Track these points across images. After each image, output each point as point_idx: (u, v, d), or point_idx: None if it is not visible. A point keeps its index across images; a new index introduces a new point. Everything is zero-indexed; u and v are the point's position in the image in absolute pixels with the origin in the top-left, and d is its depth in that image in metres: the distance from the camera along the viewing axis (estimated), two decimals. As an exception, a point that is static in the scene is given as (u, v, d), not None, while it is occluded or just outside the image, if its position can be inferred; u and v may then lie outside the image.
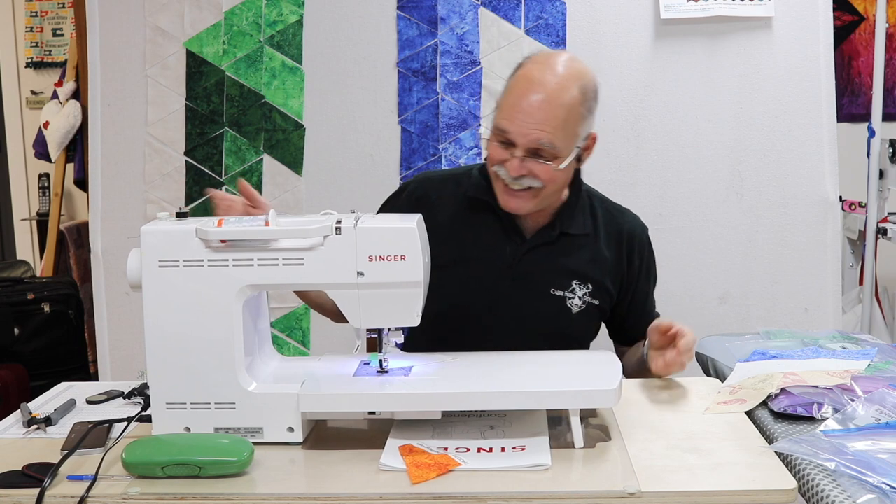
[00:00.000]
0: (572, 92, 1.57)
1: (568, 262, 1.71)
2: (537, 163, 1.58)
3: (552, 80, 1.57)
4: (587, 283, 1.71)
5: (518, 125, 1.57)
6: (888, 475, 1.08)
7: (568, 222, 1.71)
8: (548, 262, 1.70)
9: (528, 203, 1.64)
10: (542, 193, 1.63)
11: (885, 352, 1.58)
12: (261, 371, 1.40)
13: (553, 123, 1.56)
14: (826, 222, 2.57)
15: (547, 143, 1.57)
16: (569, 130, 1.58)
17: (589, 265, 1.71)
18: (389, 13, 2.61)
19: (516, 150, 1.58)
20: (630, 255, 1.76)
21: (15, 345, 3.21)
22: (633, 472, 1.18)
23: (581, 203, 1.74)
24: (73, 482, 1.20)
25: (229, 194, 1.61)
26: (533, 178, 1.60)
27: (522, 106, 1.56)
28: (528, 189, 1.62)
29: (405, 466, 1.21)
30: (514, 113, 1.57)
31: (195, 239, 1.31)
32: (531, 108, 1.56)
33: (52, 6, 4.45)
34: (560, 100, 1.56)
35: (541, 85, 1.57)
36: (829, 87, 2.57)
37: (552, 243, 1.71)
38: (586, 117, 1.61)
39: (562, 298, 1.70)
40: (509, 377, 1.38)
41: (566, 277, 1.70)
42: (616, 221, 1.77)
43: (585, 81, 1.60)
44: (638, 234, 1.79)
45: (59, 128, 3.52)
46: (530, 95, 1.56)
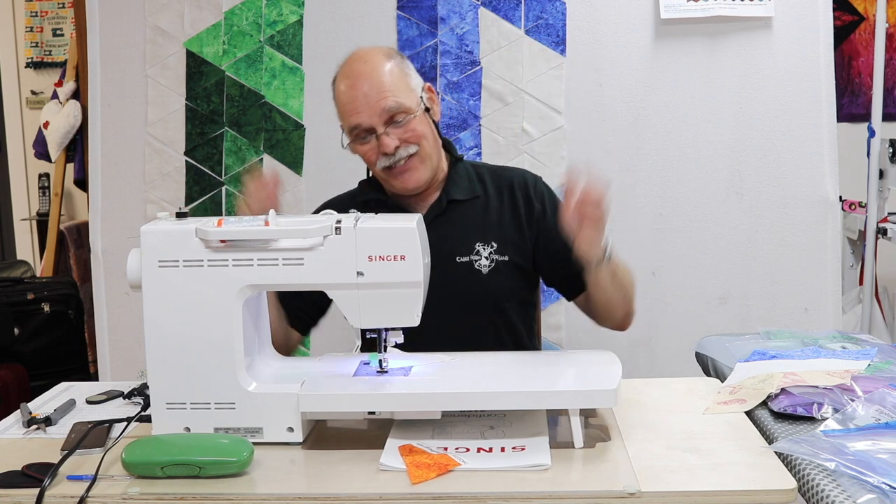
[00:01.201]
0: (383, 61, 1.71)
1: (464, 227, 1.77)
2: (399, 127, 1.69)
3: (362, 65, 1.71)
4: (489, 241, 1.76)
5: (363, 110, 1.68)
6: (888, 475, 1.08)
7: (453, 190, 1.79)
8: (445, 233, 1.75)
9: (420, 170, 1.73)
10: (423, 154, 1.73)
11: (885, 352, 1.58)
12: (261, 371, 1.40)
13: (386, 88, 1.68)
14: (826, 222, 2.57)
15: (394, 105, 1.68)
16: (402, 86, 1.70)
17: (486, 225, 1.77)
18: (389, 13, 2.61)
19: (378, 130, 1.69)
20: (528, 202, 1.80)
21: (15, 345, 3.22)
22: (633, 472, 1.18)
23: (464, 171, 1.82)
24: (72, 482, 1.20)
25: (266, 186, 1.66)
26: (407, 145, 1.70)
27: (355, 95, 1.69)
28: (412, 157, 1.71)
29: (405, 466, 1.21)
30: (353, 105, 1.69)
31: (195, 239, 1.31)
32: (363, 91, 1.68)
33: (52, 6, 4.46)
34: (378, 70, 1.69)
35: (357, 72, 1.71)
36: (829, 87, 2.57)
37: (443, 213, 1.77)
38: (408, 73, 1.74)
39: (468, 263, 1.76)
40: (509, 377, 1.38)
41: (466, 242, 1.76)
42: (503, 177, 1.84)
43: (387, 51, 1.75)
44: (530, 181, 1.83)
45: (59, 128, 3.52)
46: (355, 83, 1.69)
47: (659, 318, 2.61)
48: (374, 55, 1.72)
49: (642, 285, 2.56)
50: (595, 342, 2.29)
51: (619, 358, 1.42)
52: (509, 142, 2.60)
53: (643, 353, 2.60)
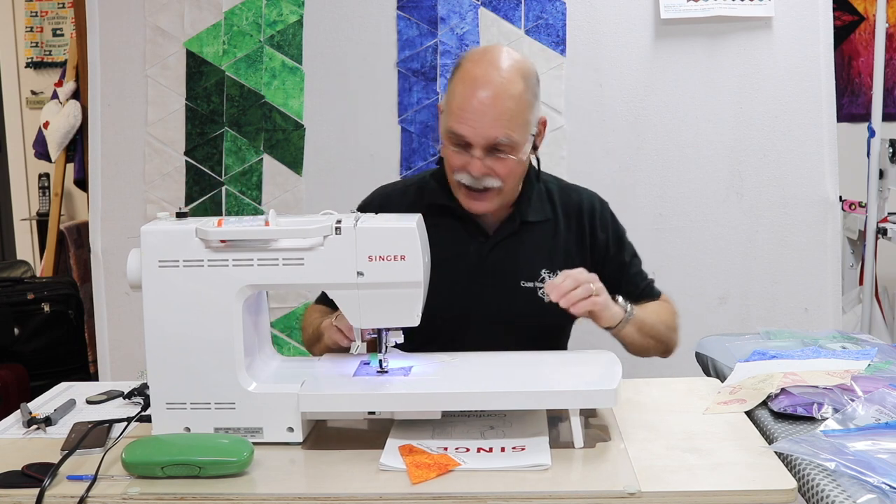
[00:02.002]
0: (517, 83, 1.59)
1: (533, 251, 1.72)
2: (497, 159, 1.60)
3: (496, 75, 1.59)
4: (555, 269, 1.69)
5: (472, 126, 1.58)
6: (888, 475, 1.08)
7: (527, 211, 1.73)
8: (514, 255, 1.71)
9: (493, 202, 1.66)
10: (504, 191, 1.66)
11: (885, 352, 1.58)
12: (261, 371, 1.40)
13: (506, 118, 1.57)
14: (826, 222, 2.57)
15: (504, 139, 1.58)
16: (521, 121, 1.60)
17: (554, 251, 1.73)
18: (389, 13, 2.61)
19: (474, 150, 1.60)
20: (593, 230, 1.77)
21: (15, 345, 3.21)
22: (633, 472, 1.18)
23: (537, 190, 1.76)
24: (73, 482, 1.20)
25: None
26: (494, 178, 1.62)
27: (473, 106, 1.57)
28: (490, 189, 1.63)
29: (405, 466, 1.21)
30: (465, 115, 1.58)
31: (195, 239, 1.31)
32: (482, 107, 1.57)
33: (52, 6, 4.46)
34: (508, 93, 1.58)
35: (486, 82, 1.58)
36: (829, 87, 2.57)
37: (515, 234, 1.72)
38: (534, 104, 1.63)
39: (532, 290, 1.70)
40: (509, 377, 1.38)
41: (534, 267, 1.70)
42: (572, 201, 1.79)
43: (526, 69, 1.63)
44: (597, 208, 1.80)
45: (59, 128, 3.52)
46: (478, 94, 1.57)
47: (659, 318, 2.60)
48: (513, 70, 1.59)
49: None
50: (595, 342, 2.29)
51: (619, 358, 1.42)
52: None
53: (643, 353, 2.60)
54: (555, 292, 1.49)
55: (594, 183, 2.57)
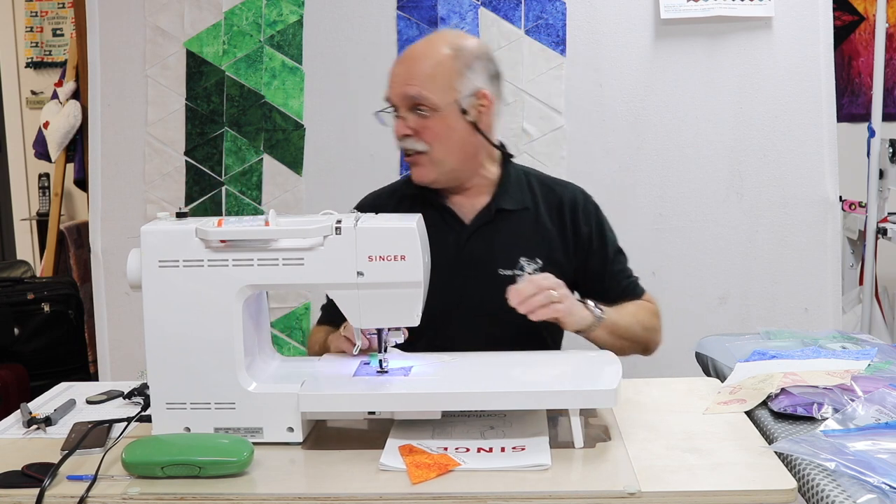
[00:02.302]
0: (440, 49, 1.67)
1: (511, 239, 1.72)
2: (419, 118, 1.65)
3: (419, 45, 1.71)
4: (534, 257, 1.71)
5: (392, 87, 1.68)
6: (888, 475, 1.08)
7: (503, 198, 1.74)
8: (491, 243, 1.72)
9: (428, 169, 1.69)
10: (434, 157, 1.68)
11: (885, 352, 1.58)
12: (261, 371, 1.40)
13: (421, 76, 1.64)
14: (826, 222, 2.57)
15: (416, 95, 1.64)
16: (439, 82, 1.64)
17: (533, 240, 1.73)
18: (389, 13, 2.61)
19: (399, 111, 1.68)
20: (575, 223, 1.77)
21: (15, 345, 3.21)
22: (633, 472, 1.18)
23: (515, 179, 1.77)
24: (73, 482, 1.20)
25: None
26: (418, 140, 1.67)
27: (395, 69, 1.69)
28: (420, 154, 1.68)
29: (405, 466, 1.20)
30: (390, 78, 1.69)
31: (195, 239, 1.31)
32: (400, 68, 1.68)
33: (52, 6, 4.46)
34: (426, 55, 1.67)
35: (410, 51, 1.70)
36: (829, 87, 2.57)
37: (491, 222, 1.73)
38: (463, 72, 1.66)
39: (511, 277, 1.69)
40: (509, 377, 1.38)
41: (512, 255, 1.71)
42: (555, 193, 1.79)
43: (461, 43, 1.69)
44: (580, 202, 1.80)
45: (59, 128, 3.52)
46: (402, 57, 1.70)
47: (659, 318, 2.60)
48: (440, 40, 1.69)
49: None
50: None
51: (619, 358, 1.42)
52: (509, 142, 2.58)
53: (643, 353, 2.60)
54: (515, 297, 1.47)
55: (594, 183, 2.57)
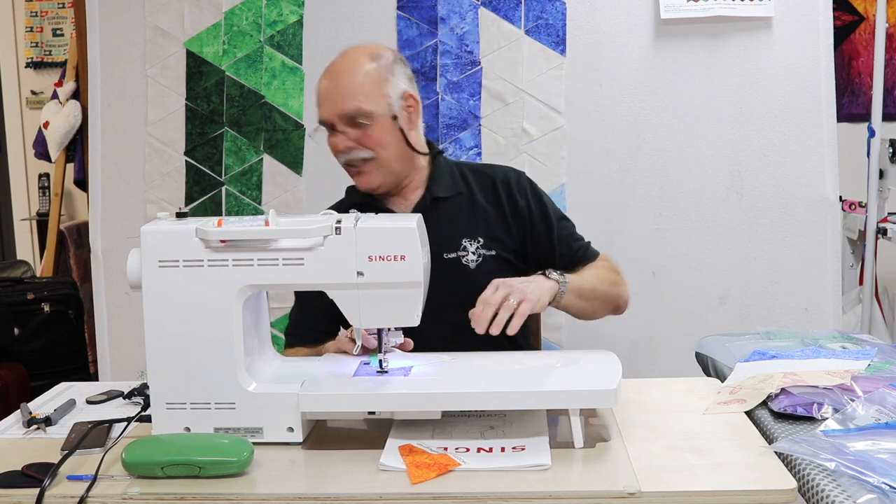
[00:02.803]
0: (363, 62, 1.72)
1: (450, 223, 1.78)
2: (357, 129, 1.70)
3: (341, 61, 1.74)
4: (476, 237, 1.78)
5: (325, 107, 1.72)
6: (888, 475, 1.08)
7: (436, 187, 1.80)
8: (432, 230, 1.71)
9: (374, 175, 1.74)
10: (380, 162, 1.73)
11: (885, 352, 1.58)
12: (261, 371, 1.40)
13: (352, 91, 1.69)
14: (826, 222, 2.57)
15: (354, 109, 1.69)
16: (371, 92, 1.70)
17: (472, 220, 1.79)
18: (389, 13, 2.61)
19: (337, 127, 1.71)
20: (511, 198, 1.81)
21: (15, 345, 3.21)
22: (633, 472, 1.18)
23: (446, 170, 1.84)
24: (73, 482, 1.20)
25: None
26: (362, 149, 1.71)
27: (323, 90, 1.72)
28: (366, 161, 1.72)
29: (405, 466, 1.21)
30: (320, 100, 1.73)
31: (195, 239, 1.31)
32: (329, 87, 1.71)
33: (52, 6, 4.46)
34: (351, 70, 1.71)
35: (333, 67, 1.74)
36: (829, 87, 2.57)
37: (428, 211, 1.76)
38: (388, 79, 1.72)
39: (455, 259, 1.77)
40: (509, 377, 1.38)
41: (453, 238, 1.78)
42: (486, 175, 1.85)
43: (376, 52, 1.75)
44: (512, 178, 1.85)
45: (59, 128, 3.52)
46: (327, 77, 1.73)
47: (659, 318, 2.61)
48: (359, 54, 1.73)
49: (642, 285, 2.57)
50: (595, 342, 2.29)
51: (619, 358, 1.42)
52: (509, 142, 2.60)
53: (643, 353, 2.60)
54: (479, 325, 1.44)
55: (594, 183, 2.59)
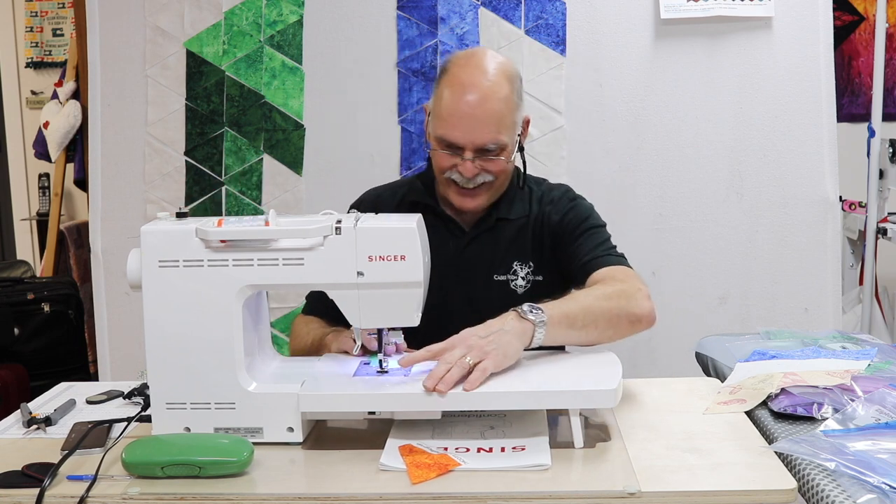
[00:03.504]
0: (504, 86, 1.64)
1: (507, 245, 1.75)
2: (487, 160, 1.66)
3: (483, 80, 1.63)
4: (527, 261, 1.74)
5: (462, 132, 1.63)
6: (888, 475, 1.08)
7: (505, 208, 1.76)
8: (488, 250, 1.74)
9: (484, 198, 1.71)
10: (496, 186, 1.71)
11: (885, 352, 1.58)
12: (261, 371, 1.40)
13: (494, 122, 1.63)
14: (826, 222, 2.57)
15: (492, 143, 1.64)
16: (508, 123, 1.65)
17: (526, 244, 1.75)
18: (389, 13, 2.61)
19: (465, 153, 1.64)
20: (546, 216, 1.76)
21: (15, 345, 3.21)
22: (633, 472, 1.18)
23: (519, 189, 1.79)
24: (73, 482, 1.20)
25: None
26: (485, 174, 1.67)
27: (462, 111, 1.62)
28: (482, 185, 1.69)
29: (405, 466, 1.21)
30: (455, 120, 1.63)
31: (195, 239, 1.31)
32: (471, 112, 1.61)
33: (52, 6, 4.46)
34: (496, 97, 1.62)
35: (474, 87, 1.62)
36: (829, 87, 2.57)
37: (490, 230, 1.76)
38: (519, 106, 1.68)
39: (505, 282, 1.74)
40: (509, 377, 1.38)
41: (506, 261, 1.74)
42: (545, 195, 1.80)
43: (511, 72, 1.68)
44: (549, 194, 1.79)
45: (59, 128, 3.52)
46: (467, 99, 1.62)
47: (659, 318, 2.59)
48: (499, 73, 1.64)
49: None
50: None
51: (619, 358, 1.42)
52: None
53: (643, 353, 2.60)
54: (429, 382, 1.29)
55: (594, 183, 2.59)
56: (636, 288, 1.56)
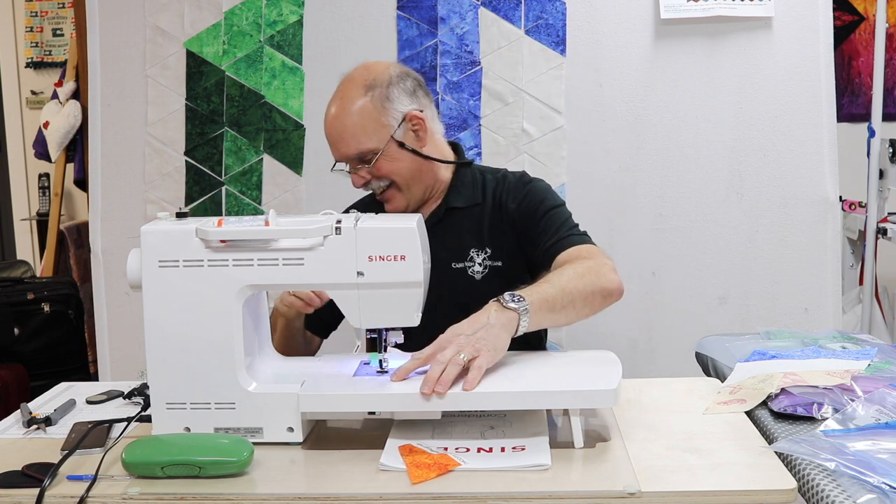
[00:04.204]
0: (354, 99, 1.72)
1: (461, 234, 1.78)
2: (366, 166, 1.72)
3: (337, 98, 1.74)
4: (484, 247, 1.77)
5: (334, 148, 1.75)
6: (888, 475, 1.08)
7: (454, 198, 1.80)
8: (443, 240, 1.74)
9: (398, 199, 1.76)
10: (399, 186, 1.75)
11: (885, 352, 1.58)
12: (261, 371, 1.40)
13: (351, 133, 1.71)
14: (826, 222, 2.57)
15: (354, 152, 1.71)
16: (369, 129, 1.71)
17: (482, 231, 1.78)
18: (389, 13, 2.61)
19: (347, 167, 1.75)
20: (502, 203, 1.77)
21: (15, 345, 3.22)
22: (633, 472, 1.18)
23: (469, 178, 1.82)
24: (73, 482, 1.20)
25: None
26: (378, 179, 1.73)
27: (328, 131, 1.75)
28: (387, 189, 1.75)
29: (405, 466, 1.21)
30: (329, 141, 1.75)
31: (195, 239, 1.32)
32: (332, 130, 1.74)
33: (52, 6, 4.46)
34: (345, 110, 1.71)
35: (332, 106, 1.74)
36: (829, 87, 2.57)
37: (440, 221, 1.78)
38: (384, 108, 1.72)
39: (462, 269, 1.78)
40: (509, 377, 1.38)
41: (462, 248, 1.78)
42: (499, 181, 1.82)
43: (369, 79, 1.73)
44: (504, 181, 1.80)
45: (59, 128, 3.52)
46: (329, 120, 1.75)
47: (659, 318, 2.61)
48: (352, 89, 1.72)
49: (642, 285, 2.57)
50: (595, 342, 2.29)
51: (619, 358, 1.42)
52: (509, 142, 2.60)
53: (643, 353, 2.60)
54: (426, 386, 1.29)
55: (594, 183, 2.59)
56: (603, 263, 1.58)
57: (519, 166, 2.56)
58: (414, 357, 1.37)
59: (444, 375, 1.29)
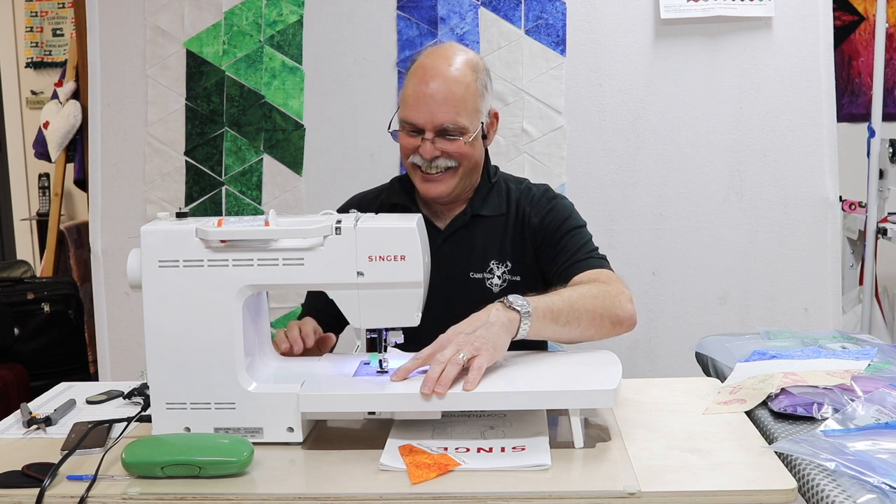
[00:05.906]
0: (465, 73, 1.68)
1: (484, 243, 1.76)
2: (447, 141, 1.68)
3: (444, 66, 1.68)
4: (505, 260, 1.74)
5: (423, 112, 1.67)
6: (888, 475, 1.08)
7: (480, 205, 1.77)
8: (464, 248, 1.75)
9: (448, 184, 1.72)
10: (458, 172, 1.71)
11: (885, 352, 1.58)
12: (261, 371, 1.40)
13: (452, 103, 1.66)
14: (826, 222, 2.57)
15: (451, 123, 1.66)
16: (470, 107, 1.68)
17: (505, 243, 1.75)
18: (389, 13, 2.61)
19: (426, 134, 1.68)
20: (526, 217, 1.76)
21: (15, 345, 3.21)
22: (633, 472, 1.18)
23: (495, 187, 1.80)
24: (73, 482, 1.20)
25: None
26: (447, 158, 1.69)
27: (424, 93, 1.67)
28: (446, 170, 1.70)
29: (405, 466, 1.21)
30: (416, 103, 1.68)
31: (195, 239, 1.31)
32: (432, 93, 1.66)
33: (52, 6, 4.46)
34: (455, 81, 1.67)
35: (435, 72, 1.67)
36: (829, 87, 2.57)
37: (466, 227, 1.76)
38: (483, 94, 1.71)
39: (481, 280, 1.75)
40: (509, 377, 1.38)
41: (483, 259, 1.75)
42: (523, 195, 1.80)
43: (475, 63, 1.72)
44: (528, 194, 1.79)
45: (59, 128, 3.52)
46: (428, 83, 1.67)
47: (659, 318, 2.61)
48: (462, 61, 1.69)
49: (642, 285, 2.57)
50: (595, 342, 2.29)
51: (619, 358, 1.42)
52: (509, 142, 2.60)
53: (643, 353, 2.60)
54: (426, 387, 1.28)
55: (594, 183, 2.59)
56: (619, 290, 1.55)
57: (519, 166, 2.56)
58: (414, 357, 1.37)
59: (443, 375, 1.29)
